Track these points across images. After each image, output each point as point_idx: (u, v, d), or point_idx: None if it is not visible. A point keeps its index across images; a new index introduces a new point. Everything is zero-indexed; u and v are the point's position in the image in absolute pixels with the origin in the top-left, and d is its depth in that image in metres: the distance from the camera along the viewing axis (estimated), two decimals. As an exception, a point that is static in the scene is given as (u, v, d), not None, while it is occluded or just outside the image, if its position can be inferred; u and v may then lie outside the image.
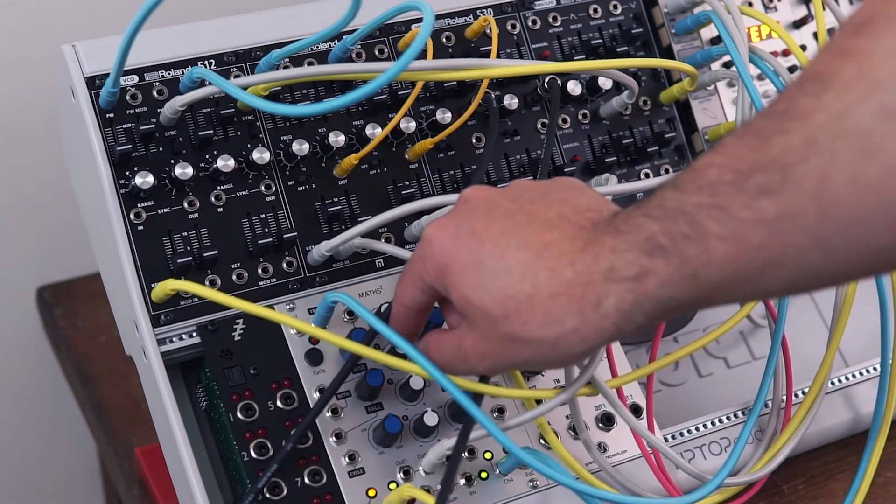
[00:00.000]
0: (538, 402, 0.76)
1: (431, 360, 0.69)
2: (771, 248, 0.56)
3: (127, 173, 0.76)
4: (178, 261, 0.75)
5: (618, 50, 0.90)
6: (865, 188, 0.53)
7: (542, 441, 0.79)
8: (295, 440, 0.73)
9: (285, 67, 0.81)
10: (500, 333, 0.63)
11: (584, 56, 0.89)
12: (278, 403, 0.75)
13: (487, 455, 0.78)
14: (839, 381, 0.91)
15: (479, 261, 0.64)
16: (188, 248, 0.77)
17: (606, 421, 0.81)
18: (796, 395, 0.87)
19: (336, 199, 0.81)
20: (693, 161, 0.61)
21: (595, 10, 0.91)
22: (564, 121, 0.88)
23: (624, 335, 0.62)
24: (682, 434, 0.84)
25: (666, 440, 0.83)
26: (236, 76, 0.80)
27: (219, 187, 0.78)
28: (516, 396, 0.77)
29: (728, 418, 0.86)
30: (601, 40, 0.90)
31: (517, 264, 0.63)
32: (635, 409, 0.82)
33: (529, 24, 0.88)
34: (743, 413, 0.86)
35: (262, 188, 0.79)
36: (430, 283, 0.67)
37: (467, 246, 0.64)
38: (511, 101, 0.85)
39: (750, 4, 0.96)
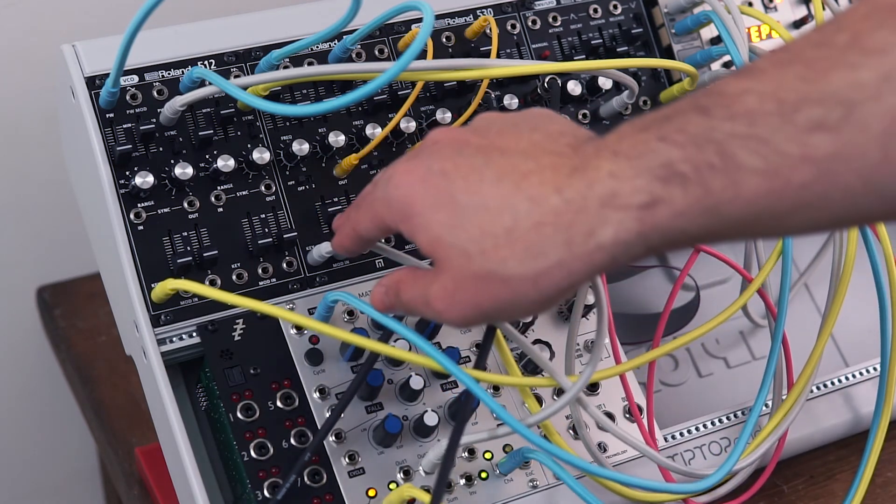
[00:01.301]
0: (557, 393, 0.75)
1: (400, 297, 0.64)
2: (814, 187, 0.52)
3: (127, 173, 0.76)
4: (178, 261, 0.75)
5: (618, 50, 0.90)
6: None
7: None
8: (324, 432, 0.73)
9: (285, 67, 0.81)
10: (474, 273, 0.58)
11: (584, 56, 0.89)
12: (278, 403, 0.75)
13: (487, 455, 0.78)
14: (839, 381, 0.91)
15: (450, 198, 0.59)
16: (188, 248, 0.77)
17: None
18: (796, 395, 0.87)
19: (336, 199, 0.81)
20: (712, 84, 0.56)
21: (595, 10, 0.91)
22: (564, 121, 0.88)
23: (618, 268, 0.58)
24: (682, 434, 0.84)
25: (666, 440, 0.83)
26: (236, 76, 0.80)
27: (219, 187, 0.78)
28: (534, 384, 0.77)
29: (728, 418, 0.86)
30: (601, 40, 0.90)
31: (493, 198, 0.58)
32: (630, 410, 0.82)
33: (529, 24, 0.88)
34: (743, 413, 0.86)
35: (262, 188, 0.79)
36: (391, 226, 0.63)
37: (436, 186, 0.60)
38: (511, 101, 0.85)
39: (750, 4, 0.96)
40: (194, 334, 0.76)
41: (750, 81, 0.54)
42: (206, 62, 0.80)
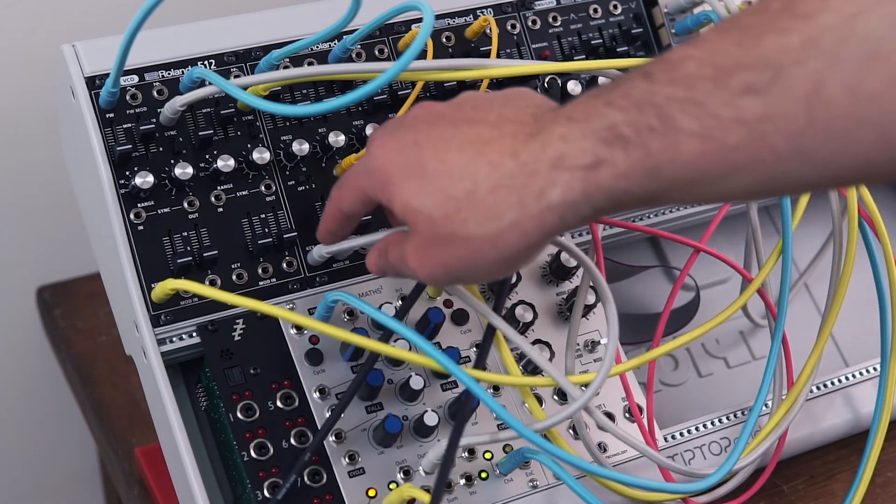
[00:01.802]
0: (557, 393, 0.75)
1: (387, 258, 0.68)
2: (746, 149, 0.54)
3: (127, 173, 0.76)
4: (178, 261, 0.75)
5: (618, 50, 0.90)
6: (863, 97, 0.51)
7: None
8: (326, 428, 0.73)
9: (285, 67, 0.81)
10: (440, 235, 0.62)
11: (584, 56, 0.89)
12: (278, 403, 0.75)
13: (487, 455, 0.78)
14: (839, 381, 0.91)
15: (420, 167, 0.63)
16: (188, 248, 0.77)
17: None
18: (796, 395, 0.87)
19: (336, 199, 0.81)
20: (664, 52, 0.59)
21: (595, 10, 0.91)
22: (564, 121, 0.88)
23: (569, 228, 0.60)
24: (682, 434, 0.84)
25: (666, 440, 0.83)
26: (236, 76, 0.80)
27: (219, 187, 0.78)
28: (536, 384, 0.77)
29: (728, 418, 0.86)
30: (601, 40, 0.90)
31: (457, 164, 0.61)
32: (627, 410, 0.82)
33: (529, 24, 0.88)
34: (743, 413, 0.86)
35: (262, 188, 0.79)
36: (372, 196, 0.67)
37: (409, 155, 0.63)
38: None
39: (749, 4, 0.96)
40: (194, 334, 0.76)
41: (692, 49, 0.56)
42: (206, 62, 0.80)
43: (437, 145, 0.63)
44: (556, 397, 0.81)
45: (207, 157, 0.78)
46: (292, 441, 0.75)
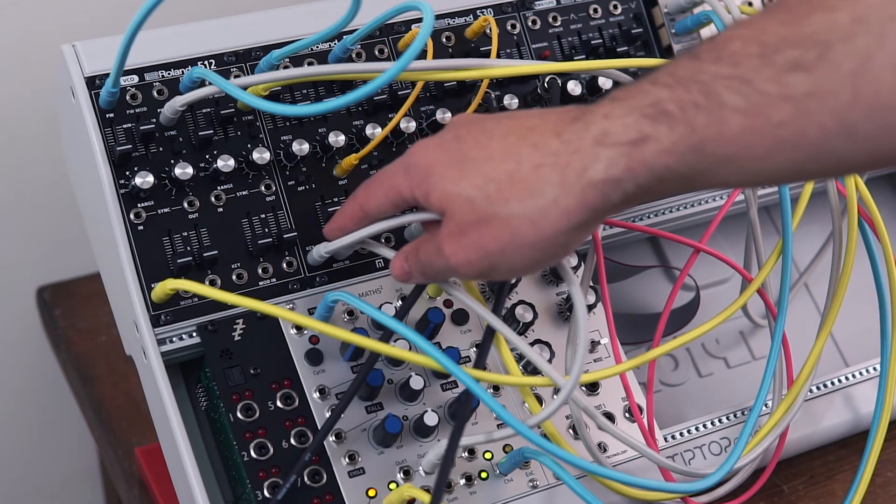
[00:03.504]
0: (557, 393, 0.75)
1: (420, 262, 0.68)
2: (791, 125, 0.54)
3: (127, 173, 0.76)
4: (178, 261, 0.75)
5: (618, 50, 0.90)
6: None
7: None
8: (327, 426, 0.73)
9: (285, 67, 0.81)
10: (479, 217, 0.62)
11: (584, 56, 0.89)
12: (278, 403, 0.75)
13: (487, 455, 0.78)
14: (839, 381, 0.91)
15: (461, 156, 0.63)
16: (188, 248, 0.77)
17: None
18: (796, 395, 0.87)
19: (336, 199, 0.81)
20: (713, 36, 0.60)
21: (595, 10, 0.90)
22: (564, 121, 0.88)
23: (613, 209, 0.60)
24: (682, 434, 0.84)
25: (666, 440, 0.83)
26: (236, 76, 0.80)
27: (219, 187, 0.78)
28: (524, 384, 0.77)
29: (728, 418, 0.86)
30: (601, 40, 0.90)
31: (499, 150, 0.62)
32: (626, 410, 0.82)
33: (529, 24, 0.88)
34: (743, 413, 0.86)
35: (262, 188, 0.79)
36: (406, 195, 0.66)
37: (450, 149, 0.64)
38: (511, 101, 0.85)
39: (750, 4, 0.96)
40: (194, 334, 0.76)
41: (738, 29, 0.57)
42: (206, 62, 0.80)
43: (479, 137, 0.63)
44: (556, 397, 0.80)
45: (207, 157, 0.78)
46: (292, 441, 0.75)
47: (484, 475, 0.77)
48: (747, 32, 0.56)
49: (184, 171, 0.76)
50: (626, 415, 0.82)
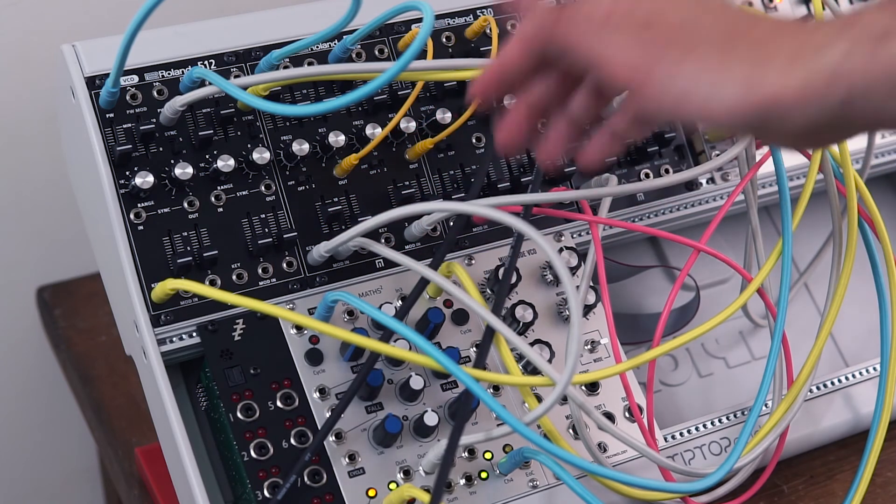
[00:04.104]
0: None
1: (538, 20, 0.61)
2: None
3: (127, 173, 0.76)
4: (178, 261, 0.75)
5: (618, 50, 0.90)
6: None
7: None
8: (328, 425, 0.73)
9: (285, 67, 0.81)
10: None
11: (584, 56, 0.89)
12: (278, 403, 0.75)
13: (487, 455, 0.78)
14: (839, 381, 0.91)
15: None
16: (188, 248, 0.77)
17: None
18: (796, 395, 0.87)
19: (336, 199, 0.81)
20: None
21: (595, 10, 0.90)
22: (564, 121, 0.88)
23: (828, 108, 0.54)
24: (682, 434, 0.84)
25: (666, 440, 0.83)
26: (236, 76, 0.80)
27: (219, 187, 0.78)
28: (519, 384, 0.77)
29: (728, 418, 0.86)
30: (601, 40, 0.90)
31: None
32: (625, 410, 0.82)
33: (529, 24, 0.88)
34: (743, 413, 0.86)
35: (262, 188, 0.79)
36: (559, 41, 0.61)
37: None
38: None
39: (750, 4, 0.96)
40: (194, 334, 0.76)
41: None
42: (206, 62, 0.80)
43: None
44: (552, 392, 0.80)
45: (207, 157, 0.78)
46: (292, 441, 0.75)
47: (484, 475, 0.77)
48: None
49: (184, 171, 0.76)
50: (626, 415, 0.82)
